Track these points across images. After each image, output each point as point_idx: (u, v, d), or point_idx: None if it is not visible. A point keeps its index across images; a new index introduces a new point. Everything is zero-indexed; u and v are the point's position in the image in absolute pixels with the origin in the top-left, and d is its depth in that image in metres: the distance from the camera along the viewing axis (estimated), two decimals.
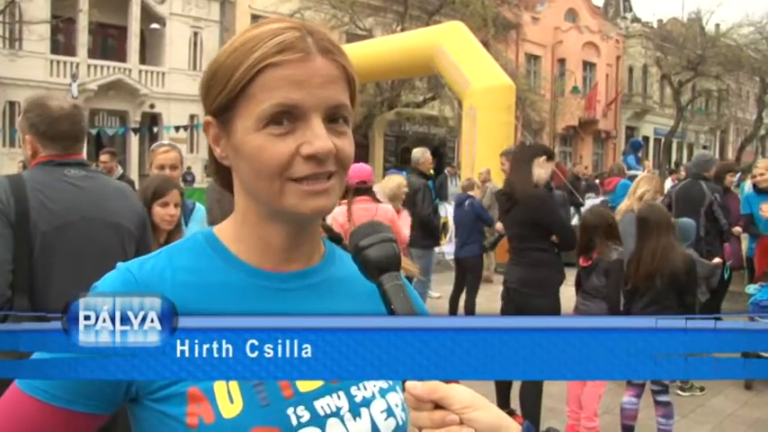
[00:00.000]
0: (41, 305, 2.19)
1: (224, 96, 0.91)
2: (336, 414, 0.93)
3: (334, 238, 1.14)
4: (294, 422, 0.90)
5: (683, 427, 4.90)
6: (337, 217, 4.73)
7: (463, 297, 7.57)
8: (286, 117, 0.88)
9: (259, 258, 0.98)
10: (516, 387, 4.64)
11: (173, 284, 0.91)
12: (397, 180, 6.27)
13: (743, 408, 5.25)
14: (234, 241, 0.98)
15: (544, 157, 4.55)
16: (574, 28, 36.30)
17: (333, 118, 0.91)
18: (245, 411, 0.87)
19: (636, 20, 41.64)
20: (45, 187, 2.38)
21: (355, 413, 0.94)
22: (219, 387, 0.87)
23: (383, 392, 0.98)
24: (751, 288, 5.87)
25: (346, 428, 0.93)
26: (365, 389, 0.96)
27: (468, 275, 7.56)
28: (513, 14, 32.20)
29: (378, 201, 5.06)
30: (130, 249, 2.55)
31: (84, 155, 2.77)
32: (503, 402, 4.68)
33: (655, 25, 42.97)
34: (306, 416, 0.91)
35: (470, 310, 7.34)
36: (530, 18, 34.57)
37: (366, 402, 0.95)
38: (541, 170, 4.53)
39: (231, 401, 0.87)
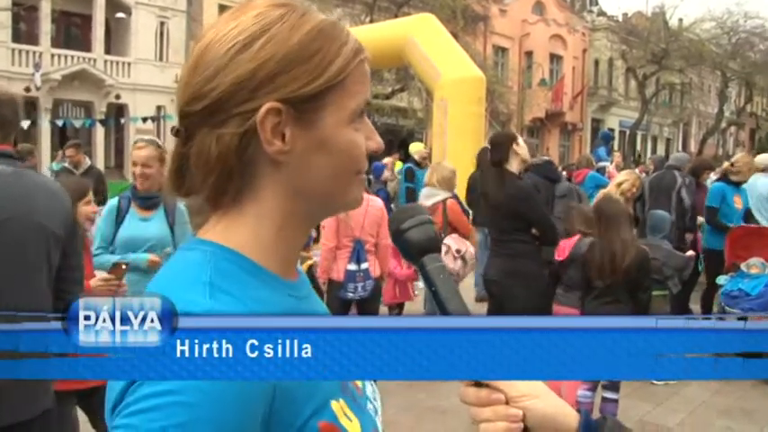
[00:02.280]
0: None
1: (320, 84, 0.83)
2: (375, 410, 0.95)
3: None
4: (373, 415, 0.93)
5: (658, 414, 5.00)
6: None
7: None
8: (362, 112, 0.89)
9: (285, 268, 0.89)
10: None
11: None
12: (450, 167, 6.21)
13: (714, 396, 5.38)
14: (262, 254, 0.86)
15: (515, 143, 4.41)
16: (541, 21, 36.52)
17: None
18: (363, 425, 0.87)
19: (602, 13, 42.07)
20: None
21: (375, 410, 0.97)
22: (337, 409, 0.83)
23: None
24: (721, 279, 5.94)
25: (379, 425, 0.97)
26: None
27: None
28: (481, 7, 32.30)
29: (368, 191, 5.10)
30: (56, 254, 2.29)
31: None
32: None
33: (620, 19, 43.48)
34: (371, 407, 0.94)
35: None
36: (498, 10, 34.69)
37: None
38: (518, 156, 4.41)
39: (350, 420, 0.84)
